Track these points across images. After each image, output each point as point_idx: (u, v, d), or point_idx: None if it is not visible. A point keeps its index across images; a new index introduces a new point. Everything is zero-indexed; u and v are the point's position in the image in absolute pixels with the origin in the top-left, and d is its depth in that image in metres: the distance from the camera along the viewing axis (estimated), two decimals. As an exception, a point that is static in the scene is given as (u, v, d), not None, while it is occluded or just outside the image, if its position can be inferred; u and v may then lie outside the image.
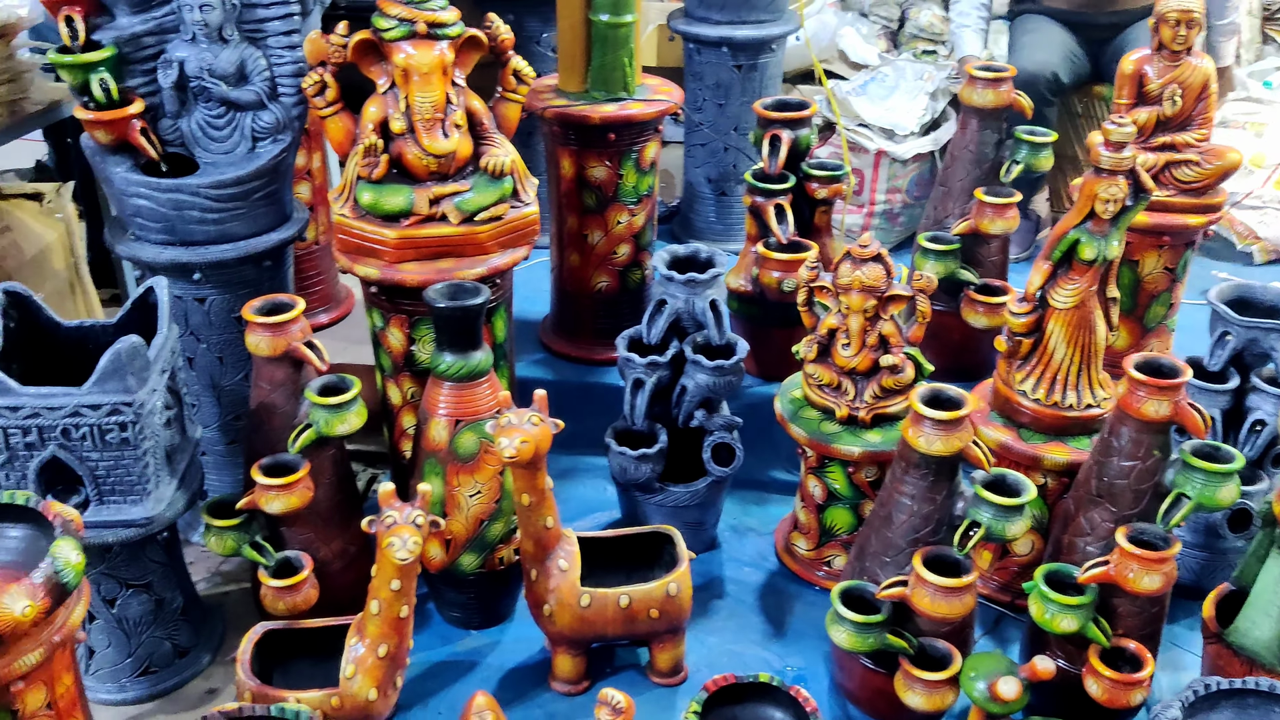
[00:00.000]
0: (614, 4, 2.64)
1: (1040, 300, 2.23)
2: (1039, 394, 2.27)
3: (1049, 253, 2.17)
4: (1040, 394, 2.27)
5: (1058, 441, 2.25)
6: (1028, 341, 2.27)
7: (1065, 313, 2.19)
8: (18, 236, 2.51)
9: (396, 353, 2.37)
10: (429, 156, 2.23)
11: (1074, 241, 2.14)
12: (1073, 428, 2.25)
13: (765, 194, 2.72)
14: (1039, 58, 3.31)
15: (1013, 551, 2.37)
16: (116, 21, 2.23)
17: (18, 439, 1.93)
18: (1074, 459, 2.21)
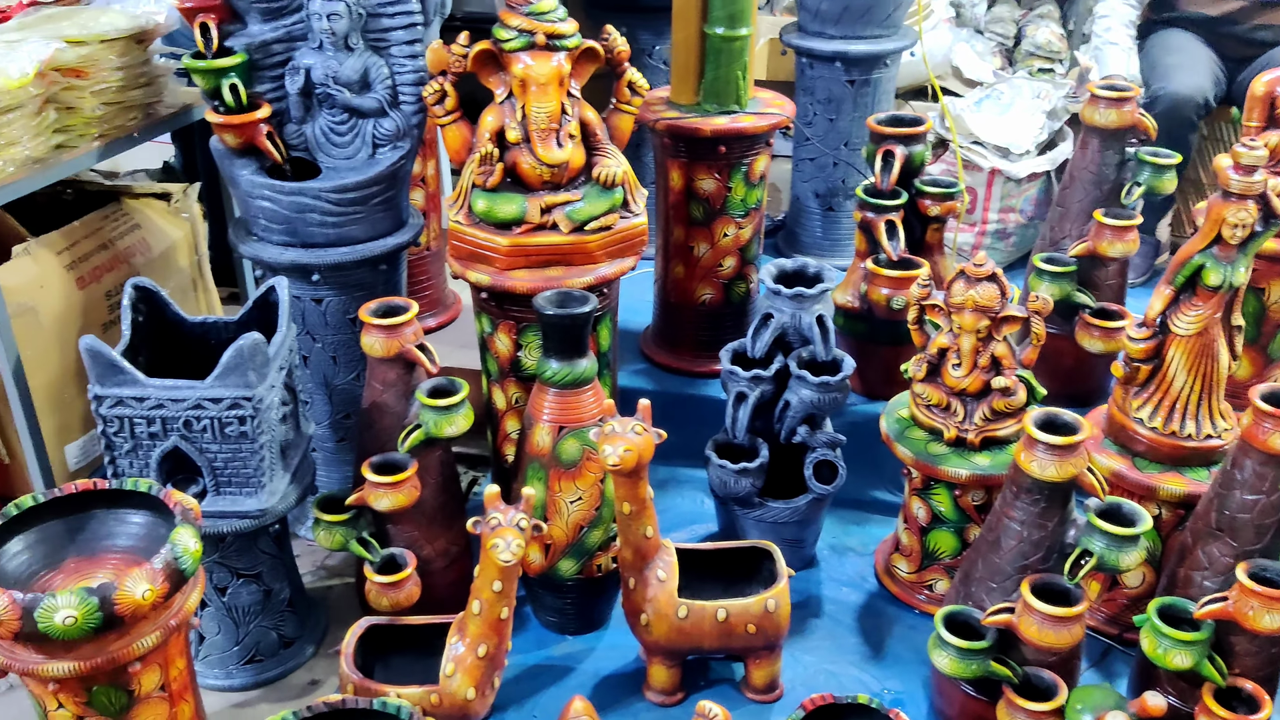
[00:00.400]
0: (730, 17, 2.64)
1: (1161, 326, 2.16)
2: (1156, 422, 2.20)
3: (1171, 277, 2.11)
4: (1158, 422, 2.20)
5: (1174, 472, 2.18)
6: (1146, 368, 2.20)
7: (1187, 340, 2.12)
8: (146, 234, 2.61)
9: (503, 358, 2.40)
10: (543, 166, 2.26)
11: (1199, 267, 2.07)
12: (1191, 458, 2.17)
13: (876, 209, 2.69)
14: (1190, 81, 3.19)
15: (1123, 583, 2.30)
16: (248, 29, 2.31)
17: (142, 429, 2.01)
18: (1191, 490, 2.14)
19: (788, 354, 2.46)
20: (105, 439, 2.03)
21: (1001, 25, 4.90)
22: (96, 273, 2.45)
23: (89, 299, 2.44)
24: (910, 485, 2.42)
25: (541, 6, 2.22)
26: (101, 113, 2.28)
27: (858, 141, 3.36)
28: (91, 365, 1.95)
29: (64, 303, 2.37)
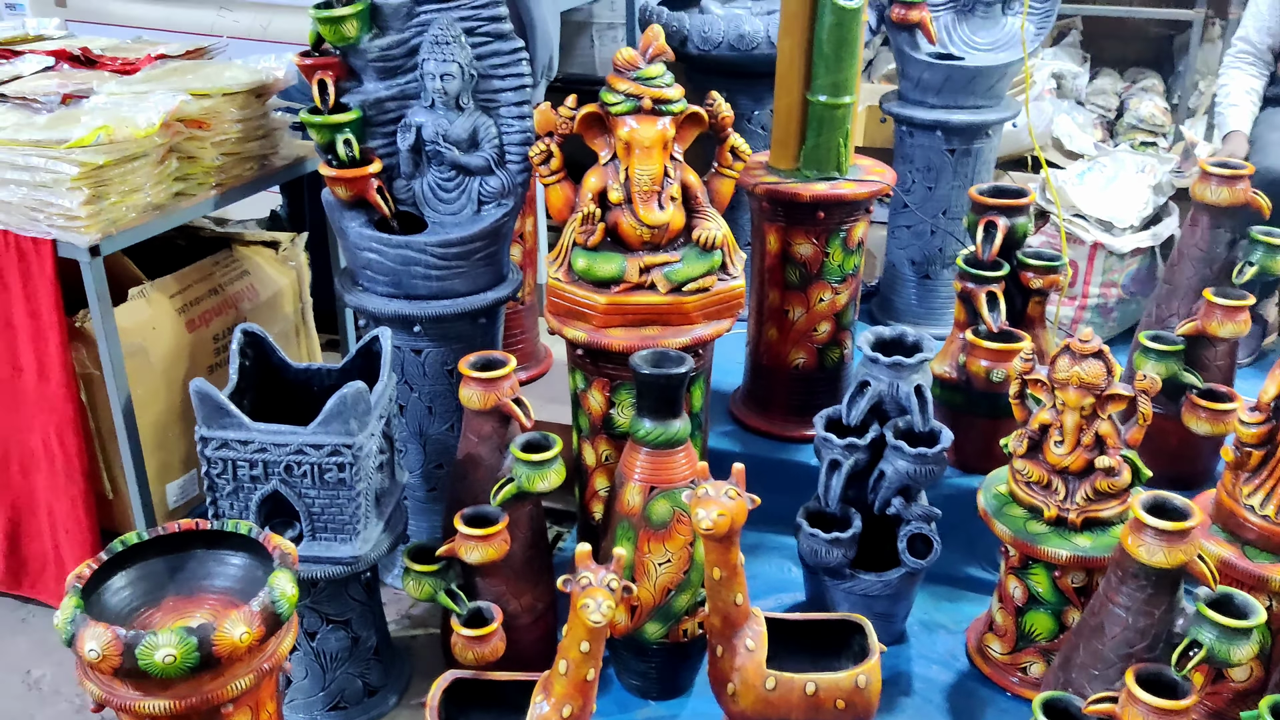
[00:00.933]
0: (833, 85, 2.65)
1: (1275, 410, 2.08)
2: (1268, 510, 2.11)
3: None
4: (1270, 510, 2.11)
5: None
6: (1258, 453, 2.12)
7: (1305, 425, 2.05)
8: (255, 280, 2.68)
9: (596, 415, 2.41)
10: (643, 227, 2.28)
11: (1320, 350, 2.00)
12: (1307, 549, 2.08)
13: (977, 280, 2.65)
14: None
15: (1230, 677, 2.20)
16: (363, 86, 2.38)
17: (244, 471, 2.05)
18: (1307, 583, 2.04)
19: (884, 423, 2.43)
20: (208, 480, 2.07)
21: (1103, 97, 4.86)
22: (206, 316, 2.52)
23: (197, 342, 2.50)
24: (1007, 563, 2.36)
25: (649, 72, 2.25)
26: (220, 162, 2.36)
27: (956, 210, 3.33)
28: (200, 407, 2.00)
29: (173, 344, 2.43)
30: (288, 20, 3.57)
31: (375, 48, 2.33)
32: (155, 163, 2.20)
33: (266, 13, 3.58)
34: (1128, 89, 4.88)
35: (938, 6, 3.28)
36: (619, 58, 2.26)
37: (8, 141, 2.08)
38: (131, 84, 2.35)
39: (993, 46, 3.24)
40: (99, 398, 2.35)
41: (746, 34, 3.13)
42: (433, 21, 2.33)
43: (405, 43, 2.36)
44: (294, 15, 3.58)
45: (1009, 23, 3.26)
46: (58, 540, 2.43)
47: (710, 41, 3.14)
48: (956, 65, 3.18)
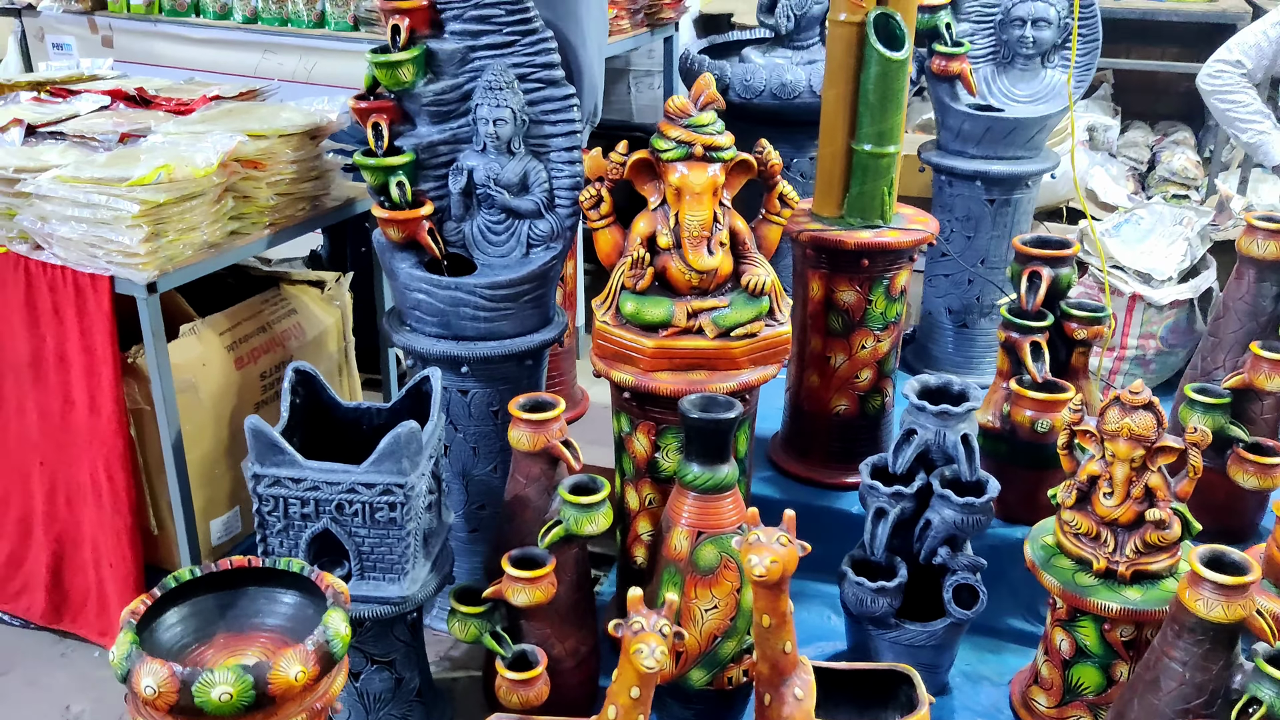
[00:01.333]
0: (879, 135, 2.67)
1: (1330, 465, 2.07)
2: (1323, 566, 2.10)
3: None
4: (1325, 566, 2.09)
5: (1345, 620, 2.06)
6: (1312, 508, 2.11)
7: (1361, 481, 2.03)
8: (301, 319, 2.70)
9: (640, 458, 2.41)
10: (692, 271, 2.30)
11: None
12: (1364, 607, 2.05)
13: (1022, 330, 2.65)
14: None
15: (1285, 736, 2.17)
16: (416, 130, 2.41)
17: (296, 509, 2.05)
18: (1365, 642, 2.01)
19: (929, 471, 2.42)
20: (258, 517, 2.07)
21: (1135, 150, 4.88)
22: (254, 354, 2.54)
23: (245, 379, 2.52)
24: (1054, 615, 2.34)
25: (701, 119, 2.28)
26: (274, 203, 2.39)
27: (995, 260, 3.34)
28: (253, 444, 2.01)
29: (222, 381, 2.45)
30: (332, 64, 3.63)
31: (429, 92, 2.37)
32: (212, 202, 2.23)
33: (311, 56, 3.64)
34: (1159, 142, 4.90)
35: (977, 59, 3.31)
36: (671, 105, 2.29)
37: (70, 179, 2.11)
38: (188, 124, 2.39)
39: (1032, 99, 3.26)
40: (148, 433, 2.37)
41: (788, 83, 3.17)
42: (486, 67, 2.37)
43: (459, 88, 2.39)
44: (337, 59, 3.63)
45: (1048, 75, 3.28)
46: (101, 575, 2.44)
47: (752, 90, 3.17)
48: (997, 117, 3.20)
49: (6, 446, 2.44)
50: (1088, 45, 3.26)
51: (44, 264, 2.22)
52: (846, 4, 2.62)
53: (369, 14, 3.49)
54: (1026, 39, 3.21)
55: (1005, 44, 3.29)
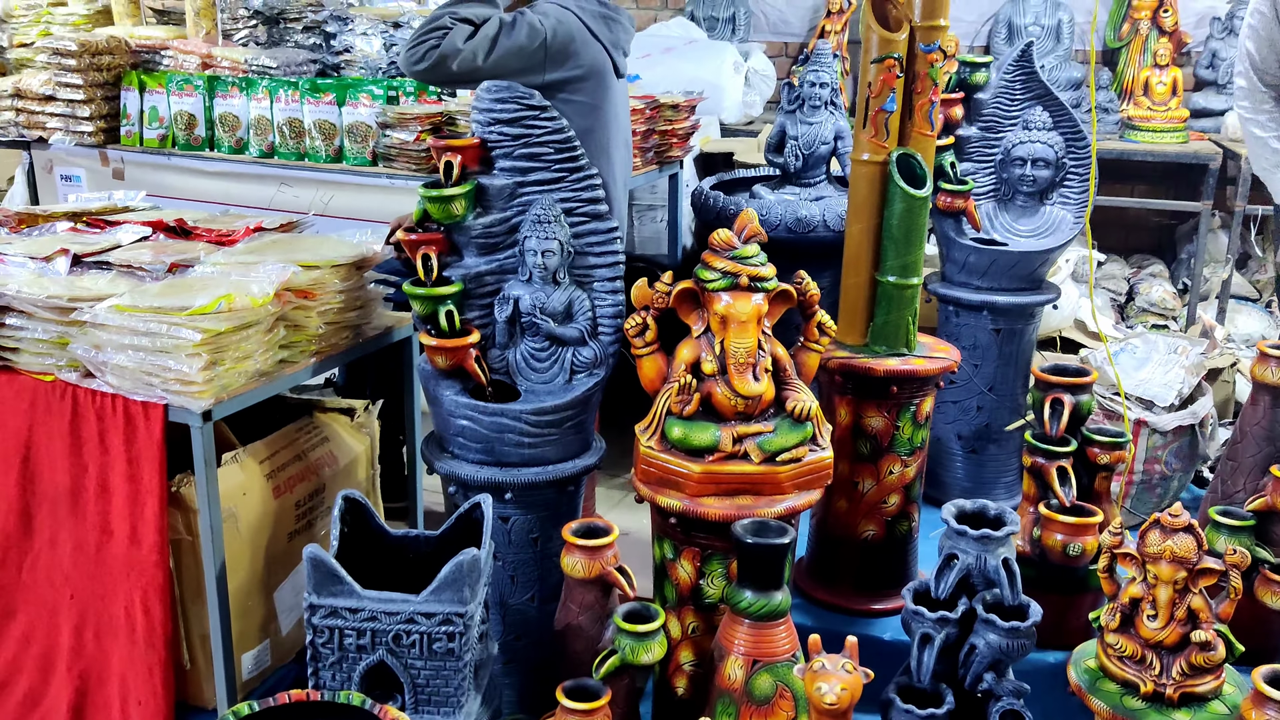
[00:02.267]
0: (903, 268, 2.76)
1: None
2: (1367, 687, 2.12)
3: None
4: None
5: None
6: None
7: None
8: (333, 447, 2.69)
9: (684, 585, 2.40)
10: (738, 397, 2.34)
11: None
12: None
13: (1047, 455, 2.71)
14: None
15: None
16: (464, 261, 2.46)
17: (351, 640, 2.01)
18: None
19: (970, 596, 2.43)
20: (311, 649, 2.03)
21: (1113, 282, 5.07)
22: (290, 482, 2.52)
23: (281, 508, 2.50)
24: (1099, 741, 2.33)
25: (745, 251, 2.35)
26: (322, 331, 2.41)
27: (1001, 388, 3.42)
28: (312, 573, 1.98)
29: (260, 510, 2.42)
30: (349, 197, 3.69)
31: (479, 225, 2.42)
32: (265, 331, 2.24)
33: (328, 189, 3.70)
34: (1135, 274, 5.09)
35: (980, 196, 3.45)
36: (716, 239, 2.37)
37: (128, 308, 2.12)
38: (236, 255, 2.42)
39: (1034, 233, 3.40)
40: (184, 563, 2.33)
41: (803, 218, 3.28)
42: (534, 202, 2.44)
43: (506, 220, 2.45)
44: (355, 192, 3.70)
45: (1048, 211, 3.43)
46: (128, 713, 2.35)
47: (768, 224, 3.27)
48: (1002, 250, 3.33)
49: (35, 579, 2.38)
50: (1084, 184, 3.42)
51: (93, 392, 2.20)
52: (870, 145, 2.74)
53: (388, 150, 3.57)
54: (1027, 177, 3.37)
55: (1006, 182, 3.44)
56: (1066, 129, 3.38)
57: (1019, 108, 3.41)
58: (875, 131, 2.72)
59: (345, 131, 3.66)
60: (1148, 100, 4.71)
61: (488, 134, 2.43)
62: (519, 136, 2.42)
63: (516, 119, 2.41)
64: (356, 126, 3.64)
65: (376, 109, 3.60)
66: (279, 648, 2.55)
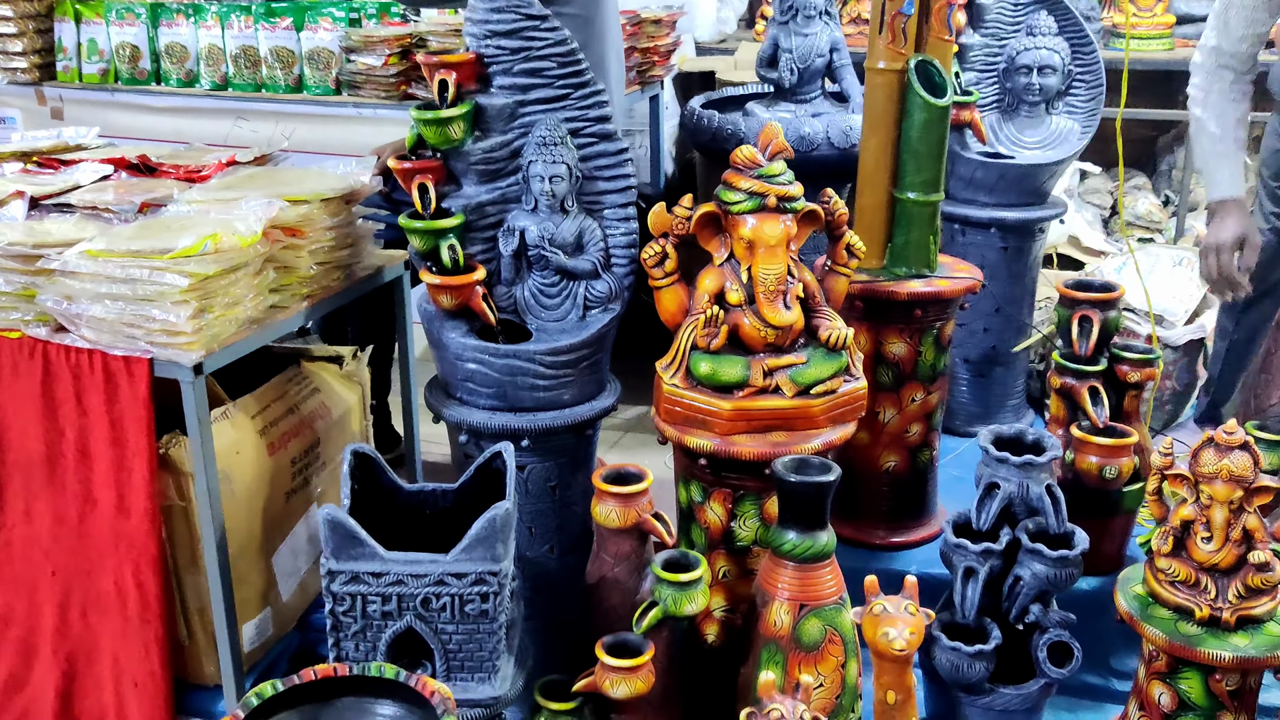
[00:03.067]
0: (924, 183, 2.61)
1: None
2: None
3: None
4: None
5: None
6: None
7: None
8: (325, 398, 2.50)
9: (714, 529, 2.26)
10: (768, 328, 2.18)
11: None
12: None
13: (1078, 375, 2.60)
14: None
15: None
16: (463, 190, 2.26)
17: (376, 607, 1.85)
18: None
19: (1013, 526, 2.33)
20: (331, 619, 1.87)
21: (1098, 196, 4.97)
22: (284, 439, 2.33)
23: (277, 466, 2.31)
24: (1150, 669, 2.25)
25: (772, 169, 2.18)
26: (313, 273, 2.21)
27: (1009, 307, 3.31)
28: (330, 537, 1.81)
29: (256, 470, 2.24)
30: (312, 129, 3.45)
31: (478, 150, 2.22)
32: (254, 273, 2.04)
33: (289, 122, 3.46)
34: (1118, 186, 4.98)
35: (982, 107, 3.30)
36: (740, 156, 2.19)
37: (103, 253, 1.90)
38: (213, 191, 2.20)
39: (1040, 145, 3.27)
40: (176, 531, 2.14)
41: (806, 135, 3.10)
42: (537, 123, 2.24)
43: (508, 144, 2.25)
44: (318, 124, 3.46)
45: (1053, 121, 3.29)
46: (122, 694, 2.18)
47: (769, 143, 3.10)
48: (1010, 164, 3.19)
49: (10, 556, 2.18)
50: (1092, 91, 3.29)
51: (67, 348, 1.99)
52: (887, 52, 2.57)
53: (353, 77, 3.33)
54: (1033, 86, 3.22)
55: (1010, 91, 3.29)
56: (1072, 34, 3.23)
57: (1023, 12, 3.25)
58: (893, 37, 2.55)
59: (305, 58, 3.41)
60: (1132, 7, 4.58)
61: (484, 48, 2.22)
62: (518, 50, 2.21)
63: (515, 30, 2.20)
64: (317, 53, 3.38)
65: (338, 33, 3.35)
66: (280, 615, 2.37)
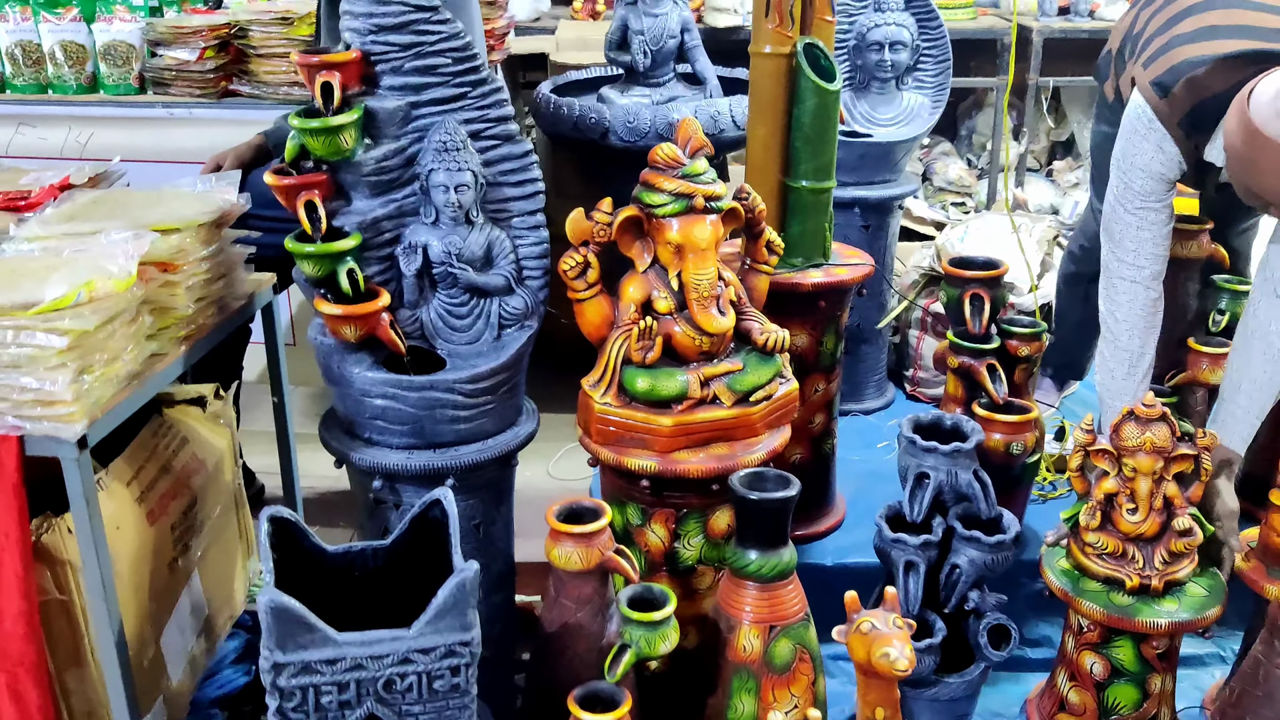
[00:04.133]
0: (817, 170, 2.54)
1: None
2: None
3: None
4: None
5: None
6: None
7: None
8: (195, 448, 2.18)
9: (655, 551, 2.14)
10: (703, 336, 2.06)
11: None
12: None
13: (975, 354, 2.62)
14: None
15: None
16: (354, 205, 2.01)
17: (331, 698, 1.61)
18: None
19: (942, 513, 2.32)
20: (279, 717, 1.62)
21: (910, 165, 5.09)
22: (163, 502, 2.02)
23: (158, 536, 1.99)
24: (1079, 640, 2.30)
25: (696, 168, 2.05)
26: (190, 311, 1.90)
27: (872, 284, 3.31)
28: (274, 627, 1.56)
29: (137, 543, 1.92)
30: (114, 134, 3.04)
31: (370, 160, 1.98)
32: (130, 321, 1.72)
33: (85, 126, 3.03)
34: (927, 154, 5.15)
35: (834, 85, 3.27)
36: (661, 155, 2.04)
37: (-59, 312, 1.55)
38: (56, 224, 1.85)
39: (895, 121, 3.27)
40: (55, 629, 1.81)
41: (675, 122, 2.96)
42: (434, 126, 2.01)
43: (402, 151, 2.02)
44: (121, 128, 3.05)
45: (905, 98, 3.30)
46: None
47: (638, 132, 2.96)
48: (871, 142, 3.18)
49: None
50: (940, 66, 3.32)
51: (-102, 432, 1.62)
52: (774, 36, 2.47)
53: (161, 74, 2.94)
54: (885, 63, 3.22)
55: (861, 69, 3.28)
56: (918, 8, 3.25)
57: (870, -13, 3.24)
58: (780, 20, 2.46)
59: (100, 54, 2.99)
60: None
61: (369, 45, 1.97)
62: (409, 46, 1.97)
63: (405, 24, 1.96)
64: (115, 47, 2.97)
65: (139, 24, 2.96)
66: (173, 704, 2.07)
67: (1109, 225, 2.38)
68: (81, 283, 1.58)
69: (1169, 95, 2.25)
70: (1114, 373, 2.43)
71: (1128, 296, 2.38)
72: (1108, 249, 2.40)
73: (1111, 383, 2.44)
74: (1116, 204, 2.36)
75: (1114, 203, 2.36)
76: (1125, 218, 2.34)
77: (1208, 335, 2.68)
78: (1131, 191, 2.33)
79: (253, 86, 2.91)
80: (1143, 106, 2.30)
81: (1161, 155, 2.29)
